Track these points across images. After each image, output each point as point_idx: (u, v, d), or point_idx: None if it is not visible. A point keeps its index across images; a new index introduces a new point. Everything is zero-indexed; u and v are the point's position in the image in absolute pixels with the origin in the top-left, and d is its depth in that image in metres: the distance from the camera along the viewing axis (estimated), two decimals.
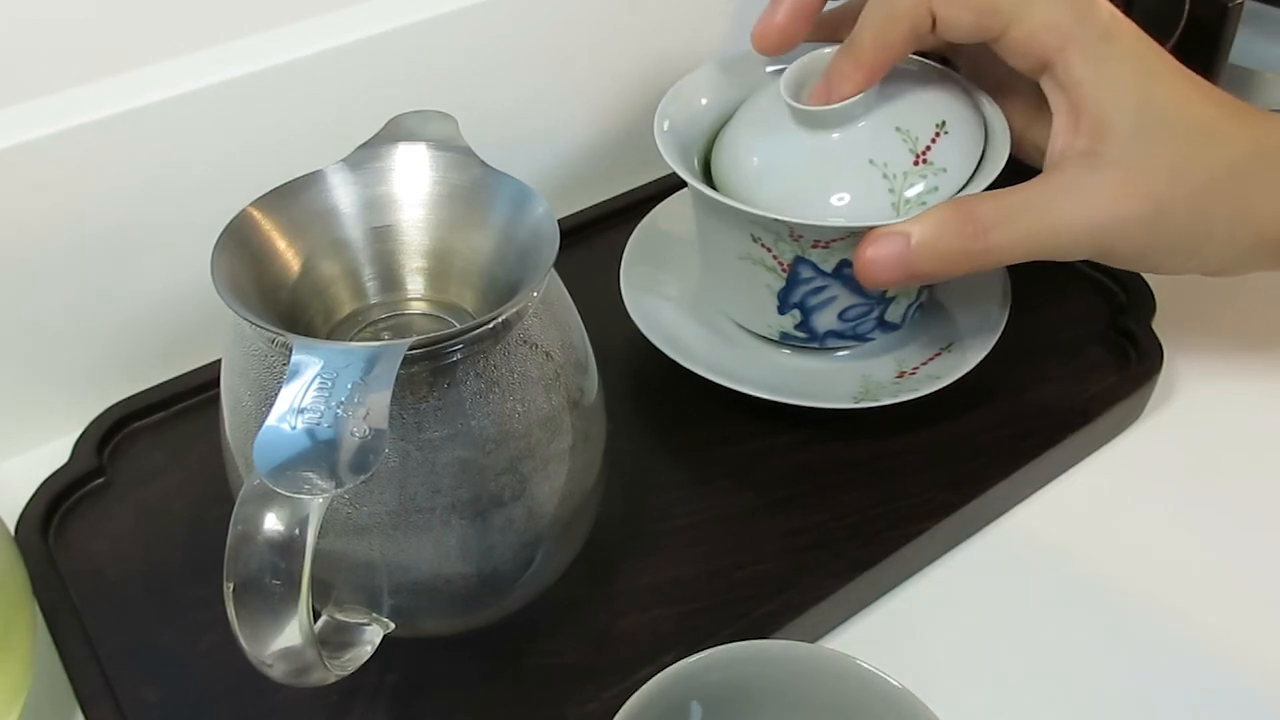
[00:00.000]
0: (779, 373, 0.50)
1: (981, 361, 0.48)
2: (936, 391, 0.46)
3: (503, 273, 0.37)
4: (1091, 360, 0.52)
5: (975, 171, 0.44)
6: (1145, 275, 0.54)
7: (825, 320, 0.46)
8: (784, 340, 0.49)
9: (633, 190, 0.62)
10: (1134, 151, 0.40)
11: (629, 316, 0.50)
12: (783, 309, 0.46)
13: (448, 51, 0.53)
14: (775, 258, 0.44)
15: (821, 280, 0.45)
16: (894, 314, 0.47)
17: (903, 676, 0.33)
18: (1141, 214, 0.40)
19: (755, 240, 0.44)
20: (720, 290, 0.50)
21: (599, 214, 0.60)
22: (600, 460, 0.40)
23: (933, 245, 0.41)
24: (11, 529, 0.44)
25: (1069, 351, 0.52)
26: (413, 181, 0.38)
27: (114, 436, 0.49)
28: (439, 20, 0.51)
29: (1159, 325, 0.53)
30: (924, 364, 0.49)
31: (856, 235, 0.42)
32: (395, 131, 0.39)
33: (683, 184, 0.44)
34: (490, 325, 0.33)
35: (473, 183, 0.38)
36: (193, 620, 0.42)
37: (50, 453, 0.48)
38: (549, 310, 0.36)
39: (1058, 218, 0.41)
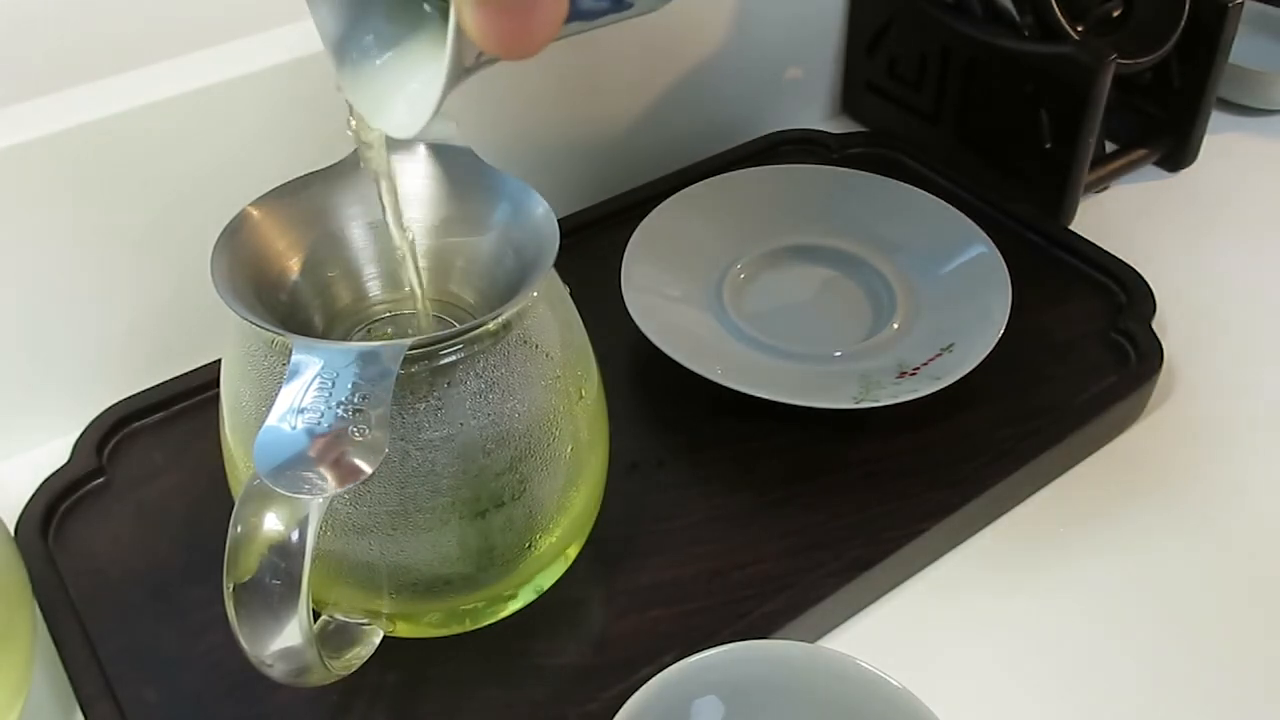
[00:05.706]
0: (779, 373, 0.50)
1: (982, 361, 0.48)
2: (936, 391, 0.46)
3: (503, 273, 0.37)
4: (1091, 360, 0.52)
5: None
6: (1145, 275, 0.54)
7: None
8: None
9: (633, 190, 0.62)
10: None
11: (629, 316, 0.50)
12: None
13: None
14: None
15: None
16: None
17: (903, 676, 0.33)
18: None
19: None
20: None
21: (599, 214, 0.60)
22: (600, 460, 0.40)
23: None
24: (11, 529, 0.44)
25: (1069, 351, 0.52)
26: (413, 181, 0.38)
27: (114, 436, 0.49)
28: None
29: (1159, 325, 0.53)
30: (924, 364, 0.49)
31: None
32: None
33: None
34: (490, 325, 0.33)
35: (473, 183, 0.38)
36: (193, 620, 0.42)
37: (50, 453, 0.48)
38: (549, 310, 0.36)
39: None
